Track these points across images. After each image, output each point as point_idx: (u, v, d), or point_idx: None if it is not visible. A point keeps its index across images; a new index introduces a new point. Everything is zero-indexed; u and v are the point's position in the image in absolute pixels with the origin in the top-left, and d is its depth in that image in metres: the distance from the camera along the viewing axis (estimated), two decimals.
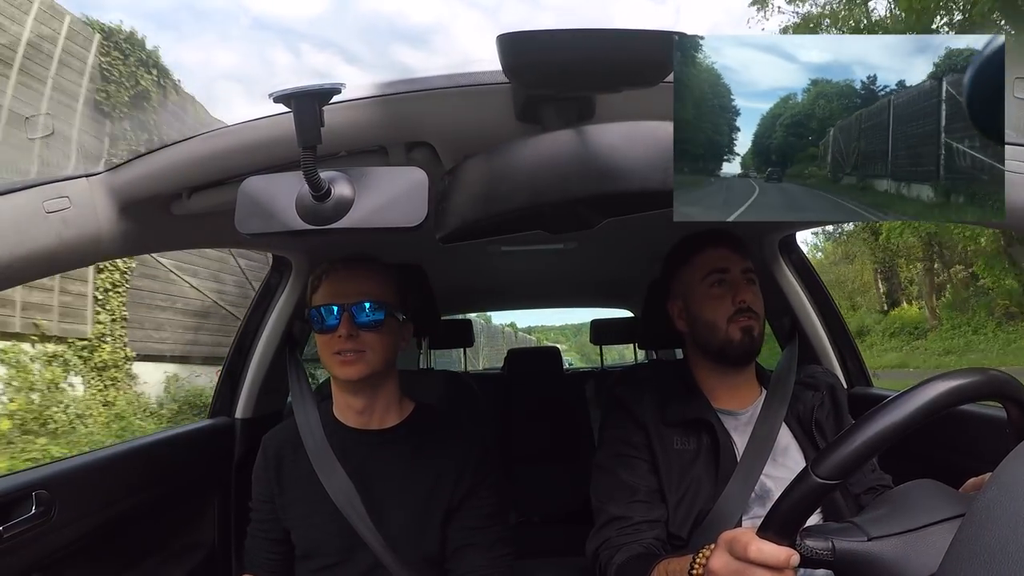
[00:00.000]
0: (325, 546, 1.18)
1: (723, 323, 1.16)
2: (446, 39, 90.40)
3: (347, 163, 0.81)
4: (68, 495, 1.16)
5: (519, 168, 0.59)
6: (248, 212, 0.67)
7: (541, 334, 17.33)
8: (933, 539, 0.62)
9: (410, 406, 1.28)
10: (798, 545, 0.65)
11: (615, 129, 0.55)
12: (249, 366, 1.73)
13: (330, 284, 1.18)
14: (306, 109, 0.62)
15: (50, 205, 0.81)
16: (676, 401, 1.19)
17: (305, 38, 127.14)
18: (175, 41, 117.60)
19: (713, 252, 1.20)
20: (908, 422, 0.61)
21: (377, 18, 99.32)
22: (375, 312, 1.15)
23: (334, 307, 1.15)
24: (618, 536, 1.10)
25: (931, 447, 1.25)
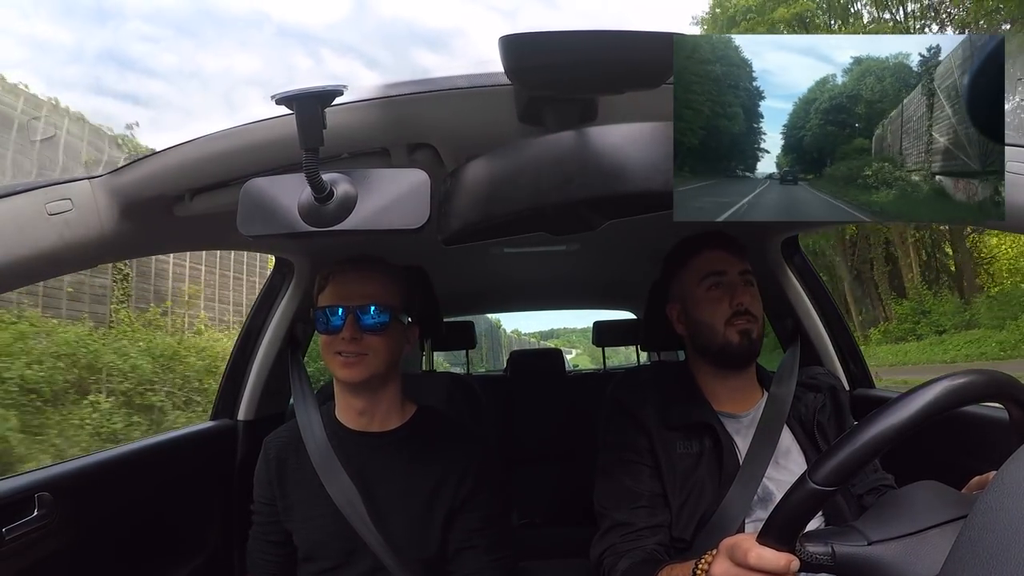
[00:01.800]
0: (326, 548, 1.17)
1: (720, 325, 1.15)
2: (465, 42, 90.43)
3: (349, 165, 0.81)
4: (71, 497, 1.16)
5: (521, 170, 0.59)
6: (250, 214, 0.67)
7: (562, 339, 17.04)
8: (934, 542, 0.62)
9: (412, 408, 1.28)
10: (798, 551, 0.65)
11: (617, 131, 0.55)
12: (251, 368, 1.73)
13: (336, 285, 1.18)
14: (308, 111, 0.62)
15: (52, 207, 0.82)
16: (678, 404, 1.18)
17: (326, 43, 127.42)
18: (196, 48, 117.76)
19: (710, 255, 1.20)
20: (907, 426, 0.61)
21: (397, 22, 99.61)
22: (380, 315, 1.15)
23: (339, 308, 1.15)
24: (621, 542, 1.10)
25: (934, 447, 1.24)
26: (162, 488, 1.44)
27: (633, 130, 0.56)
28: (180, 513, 1.51)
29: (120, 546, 1.30)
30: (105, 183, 0.88)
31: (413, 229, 0.65)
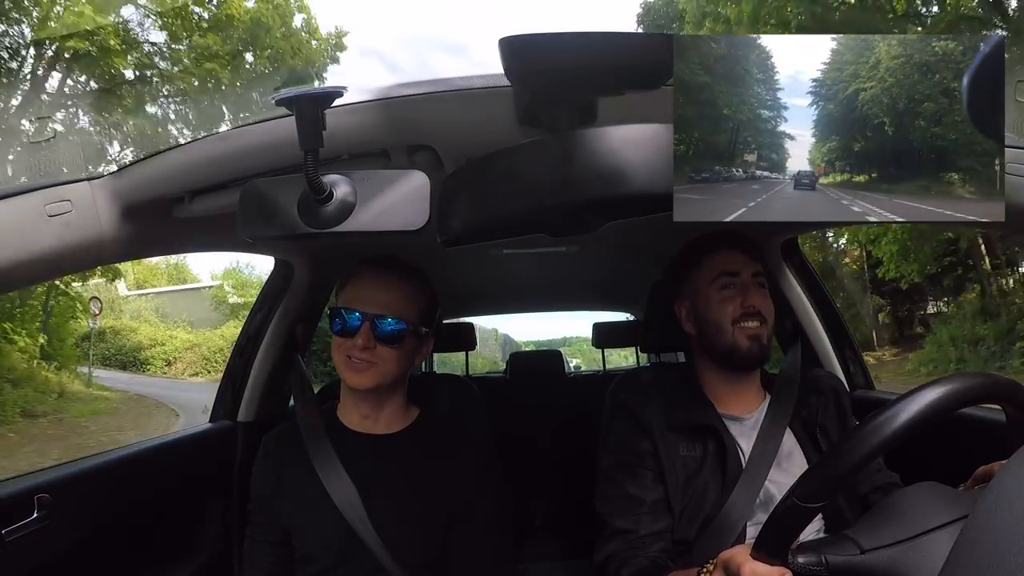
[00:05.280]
0: (326, 549, 1.17)
1: (729, 325, 1.15)
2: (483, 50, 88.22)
3: (349, 166, 0.81)
4: (70, 499, 1.16)
5: (521, 172, 0.59)
6: (250, 215, 0.68)
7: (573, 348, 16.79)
8: (930, 547, 0.62)
9: (415, 412, 1.28)
10: (790, 563, 0.66)
11: (617, 132, 0.55)
12: (251, 369, 1.73)
13: (356, 288, 1.17)
14: (308, 113, 0.62)
15: (52, 208, 0.82)
16: (681, 406, 1.18)
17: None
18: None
19: (724, 255, 1.19)
20: (892, 439, 0.62)
21: (418, 27, 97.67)
22: (396, 326, 1.14)
23: (356, 313, 1.14)
24: (625, 550, 1.10)
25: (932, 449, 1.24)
26: (162, 490, 1.44)
27: (633, 132, 0.56)
28: (180, 515, 1.51)
29: (120, 548, 1.30)
30: (105, 184, 0.88)
31: (412, 231, 0.65)
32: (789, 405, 1.18)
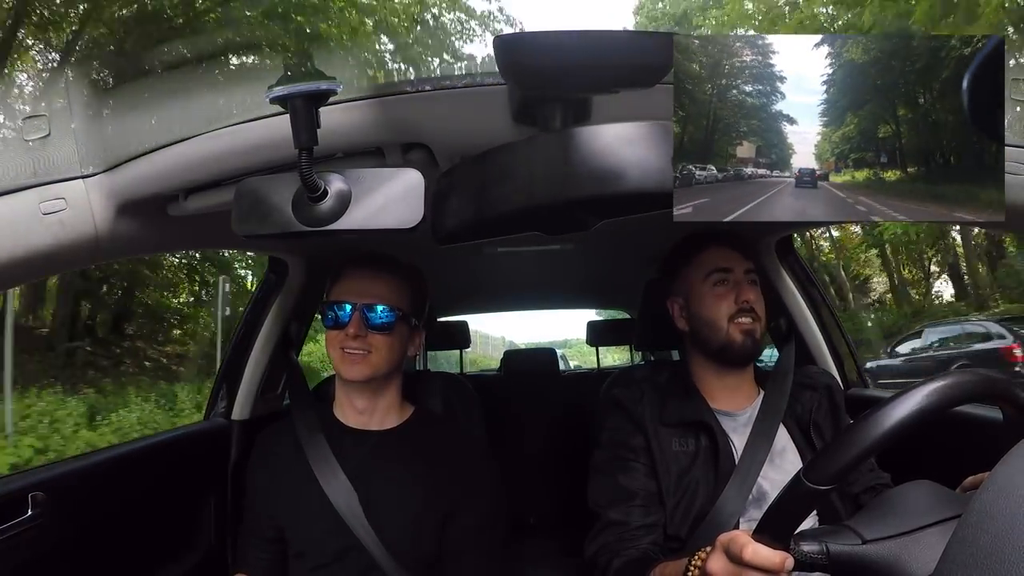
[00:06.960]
0: (320, 545, 1.17)
1: (724, 322, 1.16)
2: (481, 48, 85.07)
3: (343, 164, 0.81)
4: (65, 497, 1.15)
5: (515, 170, 0.59)
6: (244, 213, 0.67)
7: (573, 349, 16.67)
8: (929, 541, 0.62)
9: (410, 409, 1.28)
10: (792, 549, 0.66)
11: (612, 130, 0.55)
12: (245, 368, 1.73)
13: (347, 281, 1.19)
14: (302, 110, 0.62)
15: (46, 207, 0.81)
16: (674, 402, 1.19)
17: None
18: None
19: (717, 251, 1.20)
20: (903, 425, 0.61)
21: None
22: (387, 315, 1.16)
23: (347, 304, 1.16)
24: (616, 542, 1.10)
25: (928, 448, 1.25)
26: (157, 488, 1.43)
27: (629, 130, 0.56)
28: (175, 513, 1.51)
29: (114, 546, 1.29)
30: (99, 182, 0.88)
31: (407, 228, 0.65)
32: (782, 401, 1.19)
